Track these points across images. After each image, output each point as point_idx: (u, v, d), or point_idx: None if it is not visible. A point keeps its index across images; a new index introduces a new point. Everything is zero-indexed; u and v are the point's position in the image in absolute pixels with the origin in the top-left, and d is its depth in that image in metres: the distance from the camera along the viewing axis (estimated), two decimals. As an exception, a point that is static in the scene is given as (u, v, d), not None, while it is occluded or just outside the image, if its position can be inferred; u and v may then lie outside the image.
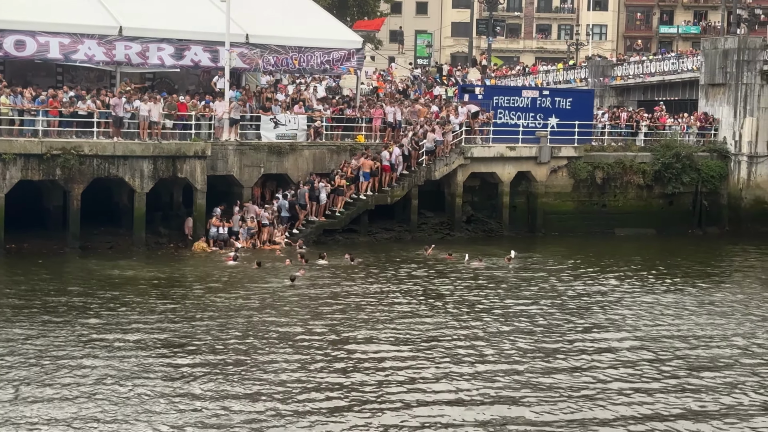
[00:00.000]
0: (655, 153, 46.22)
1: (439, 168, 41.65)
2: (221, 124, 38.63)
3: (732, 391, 20.36)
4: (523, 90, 48.49)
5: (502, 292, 30.29)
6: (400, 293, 29.67)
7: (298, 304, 27.62)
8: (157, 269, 32.55)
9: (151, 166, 36.41)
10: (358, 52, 43.20)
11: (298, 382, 20.17)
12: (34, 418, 17.63)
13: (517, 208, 44.06)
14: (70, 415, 17.82)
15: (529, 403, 19.20)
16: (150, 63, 39.52)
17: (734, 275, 36.25)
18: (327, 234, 38.98)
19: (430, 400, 19.25)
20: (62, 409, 18.10)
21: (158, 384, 19.74)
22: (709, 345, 24.39)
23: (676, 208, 46.72)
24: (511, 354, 22.87)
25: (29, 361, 21.14)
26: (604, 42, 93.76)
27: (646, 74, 57.32)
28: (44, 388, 19.25)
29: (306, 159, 39.99)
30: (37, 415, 17.78)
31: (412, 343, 23.58)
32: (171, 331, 24.09)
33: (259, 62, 41.22)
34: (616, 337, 24.79)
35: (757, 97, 47.56)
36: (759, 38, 51.44)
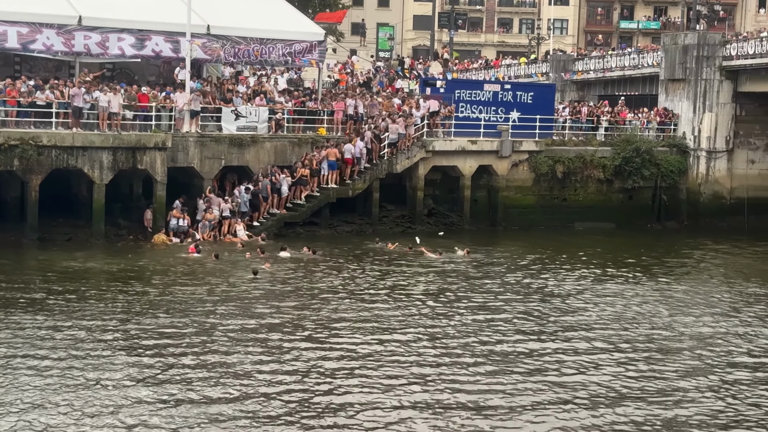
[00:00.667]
0: (616, 148, 46.49)
1: (401, 161, 41.63)
2: (182, 115, 38.37)
3: (693, 383, 20.53)
4: (485, 84, 48.53)
5: (464, 286, 30.33)
6: (361, 286, 29.64)
7: (259, 298, 27.50)
8: (117, 261, 32.28)
9: (110, 157, 36.09)
10: (319, 44, 43.07)
11: (258, 375, 20.08)
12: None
13: (478, 202, 44.15)
14: (25, 408, 17.62)
15: (490, 396, 19.23)
16: (110, 53, 39.16)
17: (693, 269, 36.54)
18: (288, 227, 38.86)
19: (391, 393, 19.24)
20: (17, 404, 17.89)
21: (117, 378, 19.57)
22: (668, 337, 24.56)
23: (636, 203, 47.04)
24: (473, 347, 22.90)
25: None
26: (565, 36, 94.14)
27: (606, 69, 57.62)
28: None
29: (267, 151, 39.82)
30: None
31: (374, 336, 23.56)
32: (131, 324, 23.88)
33: (221, 53, 40.99)
34: (576, 330, 24.90)
35: (716, 93, 47.97)
36: (718, 34, 51.86)
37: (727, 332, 25.39)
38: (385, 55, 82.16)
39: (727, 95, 48.06)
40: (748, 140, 48.85)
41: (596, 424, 17.96)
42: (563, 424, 17.92)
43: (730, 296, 30.40)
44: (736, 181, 48.40)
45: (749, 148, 48.86)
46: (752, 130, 48.88)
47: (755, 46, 46.09)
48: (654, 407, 18.96)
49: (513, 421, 17.97)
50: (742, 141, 48.73)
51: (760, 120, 48.88)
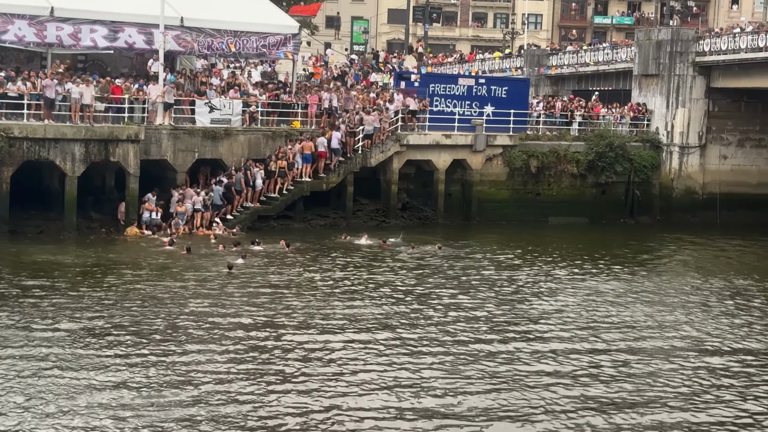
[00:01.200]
0: (589, 142, 46.60)
1: (375, 155, 41.57)
2: (155, 108, 38.15)
3: (665, 378, 20.60)
4: (459, 78, 48.60)
5: (438, 280, 30.34)
6: (334, 282, 29.57)
7: (234, 292, 27.35)
8: (89, 255, 32.07)
9: (82, 149, 35.84)
10: (294, 37, 42.90)
11: (231, 370, 19.99)
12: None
13: (452, 196, 44.16)
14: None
15: (462, 390, 19.23)
16: (82, 44, 38.89)
17: (665, 264, 36.70)
18: (262, 220, 38.74)
19: (365, 387, 19.21)
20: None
21: (89, 373, 19.41)
22: (640, 331, 24.62)
23: (609, 198, 47.18)
24: (445, 342, 22.89)
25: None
26: (539, 31, 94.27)
27: (580, 64, 57.75)
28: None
29: (241, 144, 39.66)
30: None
31: (347, 332, 23.52)
32: (102, 319, 23.72)
33: (194, 46, 40.77)
34: (549, 324, 24.94)
35: (689, 88, 48.17)
36: (691, 30, 52.13)
37: (699, 327, 25.49)
38: (359, 49, 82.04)
39: (700, 91, 48.28)
40: (721, 136, 49.08)
41: (571, 421, 17.98)
42: (536, 422, 17.92)
43: (702, 291, 30.52)
44: (709, 176, 48.64)
45: (722, 143, 49.10)
46: (725, 125, 49.12)
47: (728, 42, 46.32)
48: (630, 404, 19.02)
49: (486, 420, 17.94)
50: (715, 136, 48.95)
51: (732, 116, 49.16)
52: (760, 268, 35.58)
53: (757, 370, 21.64)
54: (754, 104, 49.25)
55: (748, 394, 19.90)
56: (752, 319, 26.75)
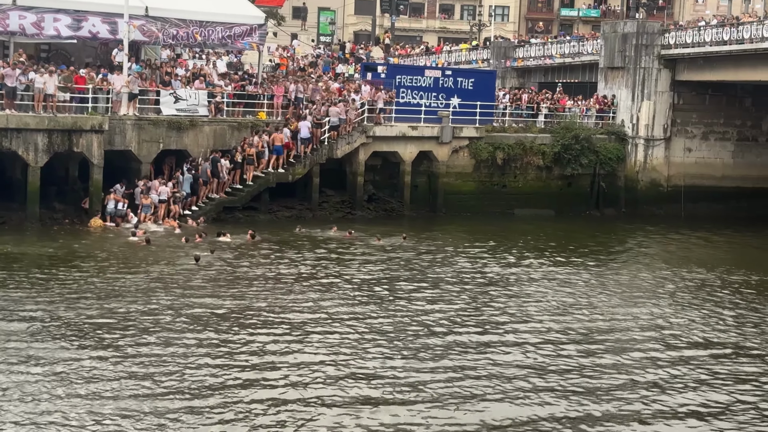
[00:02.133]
0: (555, 135, 46.69)
1: (341, 146, 41.45)
2: (119, 98, 37.83)
3: (630, 366, 20.68)
4: (426, 70, 48.53)
5: (404, 272, 30.31)
6: (301, 272, 29.49)
7: (200, 284, 27.19)
8: (52, 246, 31.76)
9: (45, 139, 35.48)
10: (260, 27, 42.67)
11: (199, 361, 19.87)
12: None
13: (418, 188, 44.12)
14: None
15: (431, 388, 19.20)
16: (45, 33, 38.47)
17: (630, 256, 36.86)
18: (227, 211, 38.54)
19: (329, 380, 19.16)
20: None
21: (50, 366, 19.23)
22: (605, 322, 24.70)
23: (575, 190, 47.31)
24: (411, 337, 22.85)
25: None
26: (506, 23, 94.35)
27: (546, 57, 57.85)
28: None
29: (206, 135, 39.39)
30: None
31: (312, 326, 23.45)
32: (64, 310, 23.49)
33: (159, 35, 40.43)
34: (515, 315, 24.97)
35: (655, 81, 48.39)
36: (657, 23, 52.37)
37: (663, 317, 25.62)
38: (326, 40, 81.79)
39: (666, 84, 48.51)
40: (686, 128, 49.35)
41: (536, 414, 18.00)
42: (504, 414, 17.91)
43: (665, 282, 30.68)
44: (674, 169, 48.91)
45: (686, 136, 49.37)
46: (689, 118, 49.39)
47: (693, 35, 46.56)
48: (596, 392, 19.08)
49: (451, 412, 17.92)
50: (680, 129, 49.21)
51: (697, 109, 49.43)
52: (723, 260, 35.83)
53: (719, 360, 21.79)
54: (719, 97, 49.56)
55: (713, 382, 20.02)
56: (715, 309, 26.92)
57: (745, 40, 43.05)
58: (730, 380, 20.38)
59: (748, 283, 31.27)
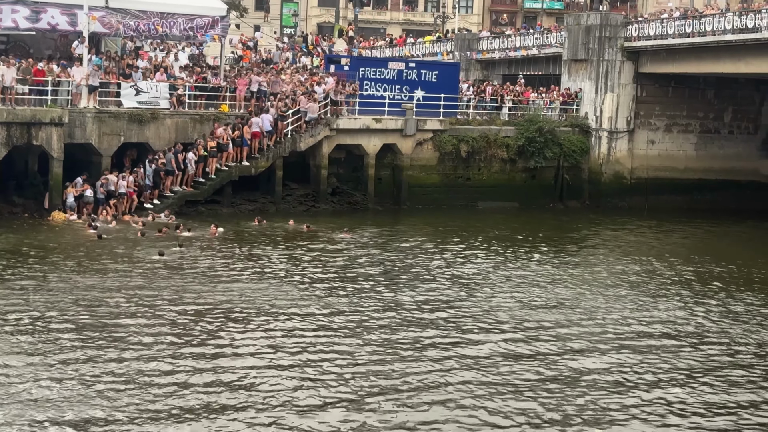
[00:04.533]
0: (519, 127, 46.69)
1: (305, 139, 41.21)
2: (79, 90, 37.37)
3: (593, 358, 20.66)
4: (390, 62, 48.32)
5: (367, 266, 30.15)
6: (262, 269, 29.25)
7: (165, 279, 26.87)
8: (10, 240, 31.28)
9: (4, 132, 35.05)
10: (222, 19, 42.27)
11: (166, 359, 19.64)
12: None
13: (382, 181, 43.99)
14: None
15: (391, 379, 19.09)
16: (3, 25, 37.93)
17: (593, 247, 36.97)
18: (189, 205, 38.20)
19: (296, 383, 18.99)
20: None
21: (10, 364, 18.93)
22: (568, 314, 24.68)
23: (539, 182, 47.35)
24: (372, 327, 22.73)
25: None
26: (470, 15, 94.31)
27: (510, 49, 57.82)
28: None
29: (168, 128, 39.01)
30: None
31: (276, 324, 23.28)
32: (24, 306, 23.13)
33: (120, 27, 39.94)
34: (479, 308, 24.87)
35: (618, 74, 48.49)
36: (620, 15, 52.48)
37: (624, 308, 25.66)
38: (289, 32, 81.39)
39: (629, 76, 48.63)
40: (649, 121, 49.52)
41: (497, 411, 17.91)
42: (464, 413, 17.83)
43: (627, 273, 30.77)
44: (637, 161, 49.07)
45: (650, 128, 49.54)
46: (652, 110, 49.56)
47: (656, 27, 46.67)
48: (560, 384, 19.04)
49: (423, 411, 17.81)
50: (643, 122, 49.38)
51: (660, 101, 49.61)
52: (686, 251, 36.08)
53: (679, 349, 21.84)
54: (681, 89, 49.76)
55: (674, 372, 20.04)
56: (678, 299, 27.01)
57: (708, 33, 43.19)
58: (698, 368, 20.41)
59: (711, 273, 31.41)
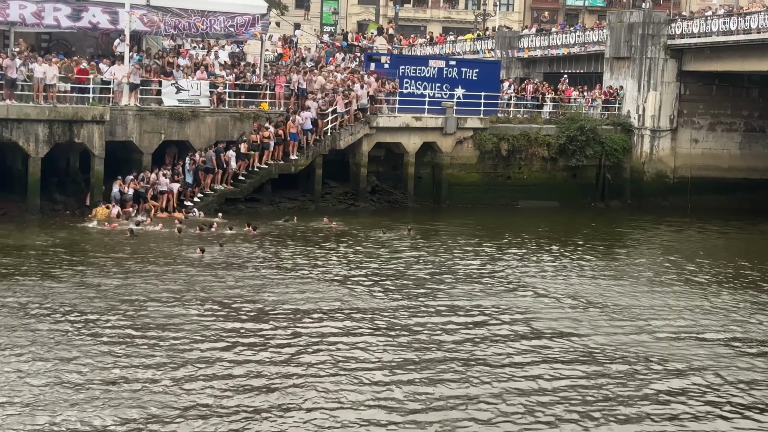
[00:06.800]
0: (560, 126, 46.36)
1: (344, 137, 41.14)
2: (121, 88, 37.53)
3: (644, 357, 20.43)
4: (430, 60, 48.18)
5: (408, 266, 29.99)
6: (301, 267, 29.19)
7: (205, 276, 26.90)
8: (52, 237, 31.48)
9: (46, 130, 35.23)
10: (262, 17, 42.29)
11: (197, 361, 19.63)
12: None
13: (422, 179, 43.83)
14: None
15: (439, 388, 18.95)
16: (45, 23, 38.17)
17: (636, 247, 36.63)
18: (229, 203, 38.24)
19: (333, 384, 18.90)
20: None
21: (45, 354, 19.01)
22: (616, 314, 24.43)
23: (580, 181, 46.99)
24: (415, 333, 22.58)
25: None
26: (511, 13, 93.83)
27: (552, 47, 57.40)
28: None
29: (208, 126, 39.11)
30: None
31: (314, 322, 23.20)
32: (69, 303, 23.22)
33: (161, 25, 40.09)
34: (519, 312, 24.66)
35: (661, 72, 47.99)
36: (663, 12, 51.93)
37: (672, 308, 25.37)
38: (329, 30, 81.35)
39: (672, 74, 48.13)
40: (692, 119, 48.98)
41: (542, 414, 17.73)
42: (516, 410, 17.67)
43: (671, 273, 30.42)
44: (680, 160, 48.55)
45: (693, 127, 49.00)
46: (696, 109, 49.01)
47: (700, 25, 46.14)
48: (620, 385, 18.83)
49: (459, 412, 17.66)
50: (686, 120, 48.84)
51: (703, 99, 49.03)
52: (729, 251, 35.61)
53: (736, 351, 21.52)
54: (726, 88, 49.17)
55: (732, 376, 19.74)
56: (725, 299, 26.67)
57: (752, 30, 42.63)
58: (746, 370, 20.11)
59: (756, 273, 30.95)
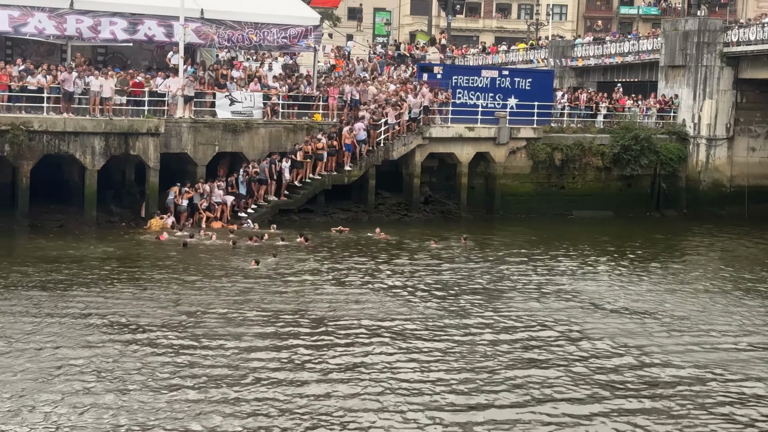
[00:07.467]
0: (614, 135, 45.98)
1: (397, 148, 41.16)
2: (175, 101, 37.88)
3: (706, 368, 20.17)
4: (483, 70, 48.04)
5: (465, 274, 29.90)
6: (355, 277, 29.20)
7: (258, 288, 27.00)
8: (109, 249, 31.80)
9: (102, 142, 35.64)
10: (315, 29, 42.46)
11: (256, 371, 19.70)
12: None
13: (475, 189, 43.68)
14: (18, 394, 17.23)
15: (497, 395, 18.85)
16: (102, 37, 38.60)
17: (693, 256, 36.18)
18: (282, 214, 38.38)
19: (392, 392, 18.87)
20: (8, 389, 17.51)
21: (107, 366, 19.17)
22: (670, 328, 24.15)
23: (635, 191, 46.55)
24: (471, 343, 22.50)
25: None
26: (564, 22, 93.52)
27: (605, 55, 57.01)
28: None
29: (262, 137, 39.34)
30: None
31: (368, 333, 23.20)
32: (125, 313, 23.44)
33: (215, 38, 40.41)
34: (576, 324, 24.47)
35: (717, 80, 47.43)
36: (719, 20, 51.40)
37: (732, 320, 25.03)
38: (381, 41, 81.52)
39: (728, 82, 47.54)
40: (749, 127, 48.33)
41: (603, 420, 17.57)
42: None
43: (730, 284, 29.98)
44: (737, 168, 47.91)
45: (750, 135, 48.34)
46: (753, 117, 48.35)
47: (756, 32, 45.54)
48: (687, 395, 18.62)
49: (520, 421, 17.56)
50: (743, 128, 48.20)
51: (760, 107, 48.35)
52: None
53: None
54: (783, 95, 48.52)
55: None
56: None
57: (811, 37, 42.06)
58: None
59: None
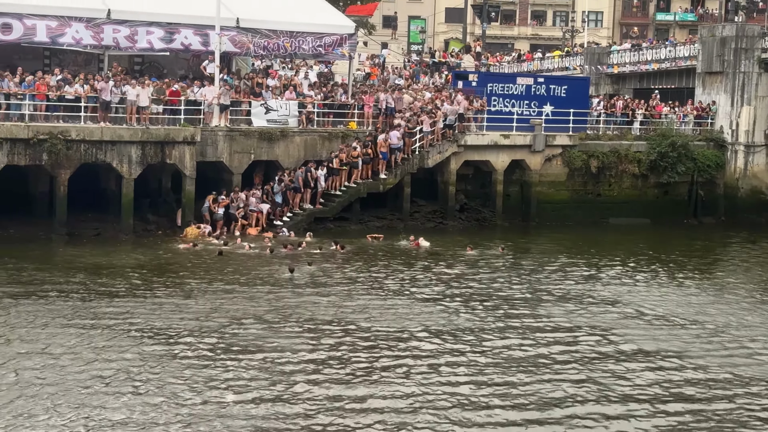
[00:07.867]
0: (651, 142, 45.70)
1: (432, 156, 41.12)
2: (211, 109, 38.05)
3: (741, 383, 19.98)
4: (518, 77, 47.88)
5: (502, 283, 29.79)
6: (389, 285, 29.15)
7: (292, 295, 27.06)
8: (146, 257, 31.96)
9: (139, 151, 35.86)
10: (350, 37, 42.53)
11: (283, 374, 19.72)
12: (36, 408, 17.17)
13: (510, 197, 43.55)
14: (55, 403, 17.33)
15: (533, 404, 18.75)
16: (138, 46, 38.87)
17: (734, 264, 35.85)
18: (318, 222, 38.42)
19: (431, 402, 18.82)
20: (45, 398, 17.61)
21: (147, 371, 19.31)
22: (713, 338, 23.93)
23: (672, 198, 46.24)
24: (514, 345, 22.42)
25: (17, 349, 20.78)
26: (599, 29, 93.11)
27: (642, 62, 56.71)
28: (33, 375, 18.75)
29: (297, 145, 39.44)
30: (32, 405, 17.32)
31: (406, 339, 23.15)
32: (158, 321, 23.53)
33: (250, 46, 40.58)
34: (614, 332, 24.30)
35: (755, 86, 47.04)
36: (757, 26, 50.95)
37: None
38: (416, 49, 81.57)
39: (766, 88, 47.11)
40: (788, 134, 47.90)
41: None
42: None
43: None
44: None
45: (788, 142, 47.91)
46: (792, 124, 47.93)
47: (795, 38, 45.20)
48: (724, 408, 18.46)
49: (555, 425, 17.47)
50: (782, 135, 47.79)
51: (800, 114, 47.95)
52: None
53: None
54: (822, 101, 48.02)
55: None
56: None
57: None
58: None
59: None
